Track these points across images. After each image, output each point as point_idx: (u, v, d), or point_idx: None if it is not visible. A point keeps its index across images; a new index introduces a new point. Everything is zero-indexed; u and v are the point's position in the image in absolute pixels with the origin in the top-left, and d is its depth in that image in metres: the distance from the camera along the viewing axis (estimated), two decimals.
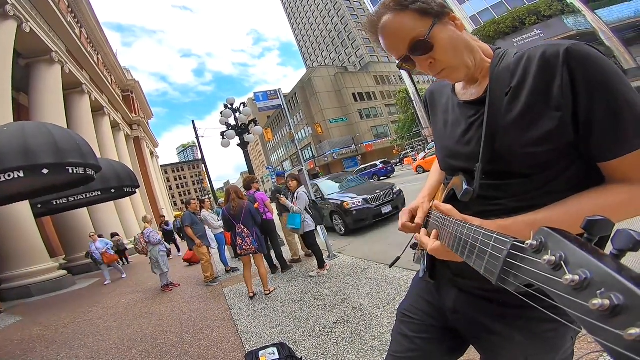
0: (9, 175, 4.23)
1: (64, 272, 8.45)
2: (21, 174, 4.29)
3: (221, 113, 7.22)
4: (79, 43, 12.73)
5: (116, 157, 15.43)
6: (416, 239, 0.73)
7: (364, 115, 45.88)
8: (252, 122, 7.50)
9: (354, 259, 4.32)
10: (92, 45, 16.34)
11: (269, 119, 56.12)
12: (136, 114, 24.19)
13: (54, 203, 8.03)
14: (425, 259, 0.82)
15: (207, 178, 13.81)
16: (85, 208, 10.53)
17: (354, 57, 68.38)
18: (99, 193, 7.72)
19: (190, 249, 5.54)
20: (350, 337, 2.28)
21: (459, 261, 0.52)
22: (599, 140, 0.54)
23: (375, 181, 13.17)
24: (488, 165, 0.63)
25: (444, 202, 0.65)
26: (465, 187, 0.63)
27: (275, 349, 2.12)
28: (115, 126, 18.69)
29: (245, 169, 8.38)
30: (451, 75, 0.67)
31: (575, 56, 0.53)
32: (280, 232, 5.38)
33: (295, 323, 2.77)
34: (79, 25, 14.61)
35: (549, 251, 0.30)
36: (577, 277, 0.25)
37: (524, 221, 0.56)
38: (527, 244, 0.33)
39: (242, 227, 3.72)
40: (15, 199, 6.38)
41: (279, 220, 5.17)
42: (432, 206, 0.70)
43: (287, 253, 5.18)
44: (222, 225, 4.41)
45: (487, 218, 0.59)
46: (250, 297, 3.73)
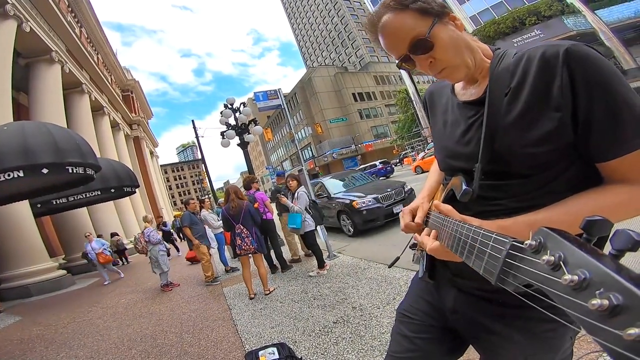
0: (8, 175, 4.23)
1: (64, 272, 8.45)
2: (21, 174, 4.29)
3: (221, 113, 7.22)
4: (79, 43, 12.73)
5: (116, 156, 15.43)
6: (415, 239, 0.73)
7: (363, 115, 45.90)
8: (252, 122, 7.49)
9: (354, 259, 4.32)
10: (92, 45, 16.34)
11: (269, 118, 56.11)
12: (136, 114, 24.20)
13: (54, 203, 8.04)
14: (424, 259, 0.82)
15: (206, 178, 13.84)
16: (85, 208, 10.54)
17: (354, 57, 68.39)
18: (99, 193, 7.73)
19: (191, 249, 5.54)
20: (350, 337, 2.28)
21: (458, 261, 0.52)
22: (598, 141, 0.54)
23: (384, 179, 12.65)
24: (487, 165, 0.63)
25: (443, 203, 0.65)
26: (464, 187, 0.63)
27: (275, 349, 2.12)
28: (115, 126, 18.70)
29: (245, 168, 8.37)
30: (451, 74, 0.67)
31: (574, 57, 0.53)
32: (280, 232, 5.38)
33: (295, 323, 2.77)
34: (79, 24, 14.61)
35: (548, 251, 0.30)
36: (576, 277, 0.25)
37: (524, 221, 0.56)
38: (526, 244, 0.33)
39: (242, 227, 3.72)
40: (15, 198, 6.39)
41: (278, 220, 5.17)
42: (431, 206, 0.70)
43: (286, 253, 5.18)
44: (222, 225, 4.41)
45: (486, 218, 0.59)
46: (250, 297, 3.74)
